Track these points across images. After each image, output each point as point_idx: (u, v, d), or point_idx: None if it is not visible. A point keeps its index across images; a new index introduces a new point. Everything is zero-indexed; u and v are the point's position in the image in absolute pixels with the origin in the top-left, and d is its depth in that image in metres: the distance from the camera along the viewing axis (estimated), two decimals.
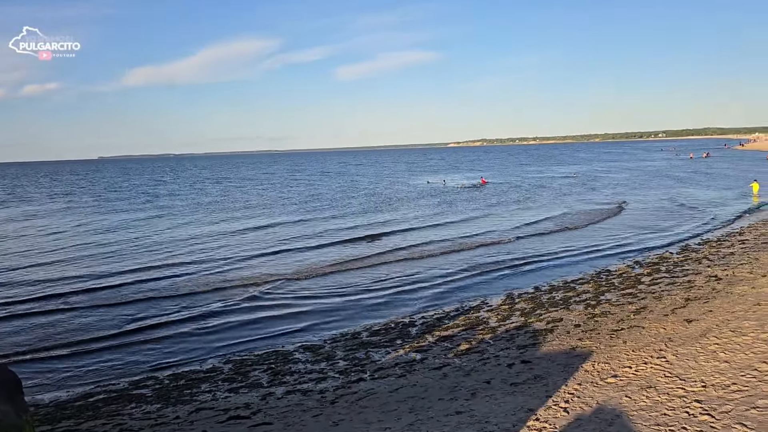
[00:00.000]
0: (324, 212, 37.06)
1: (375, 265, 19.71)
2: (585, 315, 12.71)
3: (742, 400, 6.39)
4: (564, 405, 7.12)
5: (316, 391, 9.63)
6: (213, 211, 40.22)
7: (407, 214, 34.45)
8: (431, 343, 11.90)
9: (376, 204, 41.40)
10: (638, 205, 35.10)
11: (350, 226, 29.41)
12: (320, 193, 54.64)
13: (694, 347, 8.73)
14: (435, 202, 41.18)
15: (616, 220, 29.02)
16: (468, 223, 29.49)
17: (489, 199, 42.79)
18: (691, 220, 27.30)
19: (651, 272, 16.44)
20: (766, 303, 10.80)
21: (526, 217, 31.34)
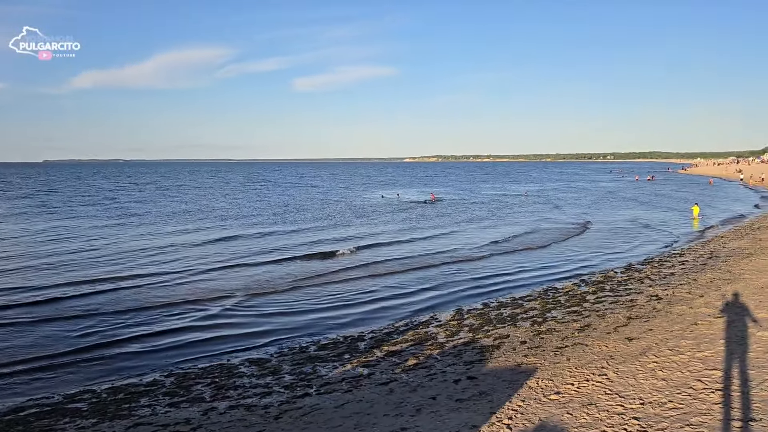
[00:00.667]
0: (279, 225, 36.10)
1: (329, 282, 19.35)
2: (531, 332, 12.96)
3: (677, 418, 6.64)
4: (507, 422, 7.22)
5: (260, 406, 9.44)
6: (167, 221, 38.65)
7: (362, 229, 34.22)
8: (379, 358, 11.88)
9: (332, 218, 40.86)
10: (596, 225, 36.23)
11: (306, 241, 28.66)
12: (276, 204, 53.48)
13: (634, 365, 9.04)
14: (390, 218, 41.04)
15: (568, 240, 29.79)
16: (423, 240, 29.40)
17: (445, 215, 43.15)
18: (636, 240, 28.40)
19: (596, 291, 16.95)
20: (703, 323, 11.31)
21: (480, 234, 31.80)
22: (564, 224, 36.71)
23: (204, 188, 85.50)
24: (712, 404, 6.96)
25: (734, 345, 9.46)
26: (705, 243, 25.87)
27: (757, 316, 11.20)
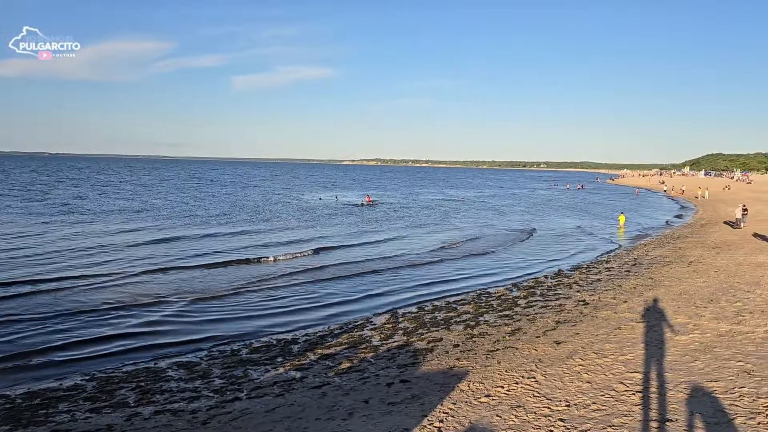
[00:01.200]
0: (217, 227, 34.20)
1: (265, 287, 18.72)
2: (464, 335, 13.23)
3: (600, 419, 6.96)
4: (438, 425, 7.33)
5: (187, 411, 9.17)
6: (100, 219, 36.32)
7: (301, 232, 33.57)
8: (313, 361, 11.80)
9: (270, 220, 39.34)
10: (530, 231, 37.35)
11: (244, 244, 27.44)
12: (215, 205, 50.89)
13: (561, 368, 9.40)
14: (328, 221, 40.57)
15: (504, 246, 30.57)
16: (362, 245, 29.12)
17: (384, 219, 43.24)
18: (565, 247, 29.55)
19: (527, 295, 17.50)
20: (626, 327, 11.91)
21: (420, 239, 32.26)
22: (499, 230, 37.79)
23: (141, 185, 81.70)
24: (633, 406, 7.34)
25: (654, 348, 10.01)
26: (629, 251, 27.22)
27: (675, 321, 11.91)
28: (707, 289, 15.21)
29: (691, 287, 15.80)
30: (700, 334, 10.73)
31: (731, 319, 11.67)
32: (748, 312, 12.21)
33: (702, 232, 32.49)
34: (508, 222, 43.39)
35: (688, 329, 11.16)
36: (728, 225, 33.84)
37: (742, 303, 13.15)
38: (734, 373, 8.31)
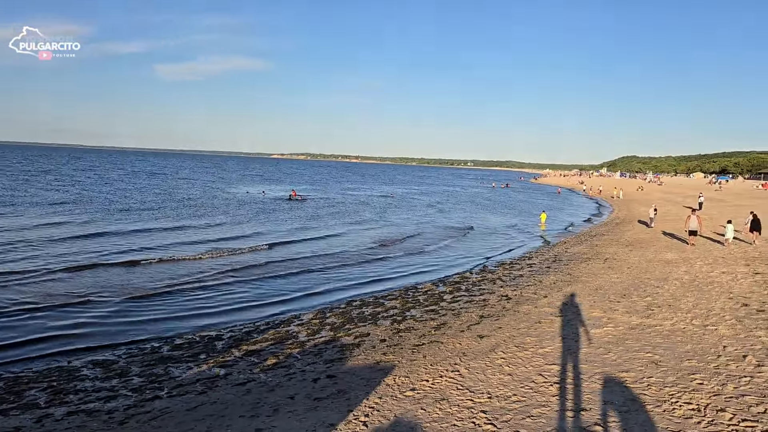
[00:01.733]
0: (141, 222, 32.38)
1: (189, 287, 17.99)
2: (391, 330, 13.36)
3: (520, 410, 7.22)
4: (364, 419, 7.38)
5: (103, 411, 8.76)
6: (16, 212, 33.34)
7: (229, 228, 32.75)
8: (237, 357, 11.57)
9: (197, 216, 37.53)
10: (446, 228, 38.05)
11: (168, 241, 26.10)
12: (140, 198, 47.53)
13: (484, 361, 9.68)
14: (256, 216, 39.71)
15: (430, 243, 31.04)
16: (293, 243, 28.72)
17: (315, 215, 42.78)
18: (489, 243, 30.40)
19: (453, 290, 17.87)
20: (546, 321, 12.40)
21: (345, 236, 32.27)
22: (425, 226, 38.47)
23: (62, 176, 76.47)
24: (551, 396, 7.66)
25: (571, 341, 10.49)
26: (550, 248, 28.36)
27: (590, 316, 12.52)
28: (621, 285, 16.07)
29: (606, 283, 16.65)
30: (614, 327, 11.34)
31: (641, 313, 12.40)
32: (656, 306, 13.00)
33: (617, 230, 34.29)
34: (435, 219, 44.21)
35: (602, 323, 11.76)
36: (642, 224, 35.89)
37: (651, 298, 13.99)
38: (643, 363, 8.83)
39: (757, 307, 12.27)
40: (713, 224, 30.91)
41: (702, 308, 12.48)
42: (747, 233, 24.04)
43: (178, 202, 46.27)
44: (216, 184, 77.89)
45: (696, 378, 8.01)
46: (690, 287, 15.01)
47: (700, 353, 9.23)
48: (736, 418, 6.58)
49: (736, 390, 7.45)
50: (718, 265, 18.23)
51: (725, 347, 9.47)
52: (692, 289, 14.78)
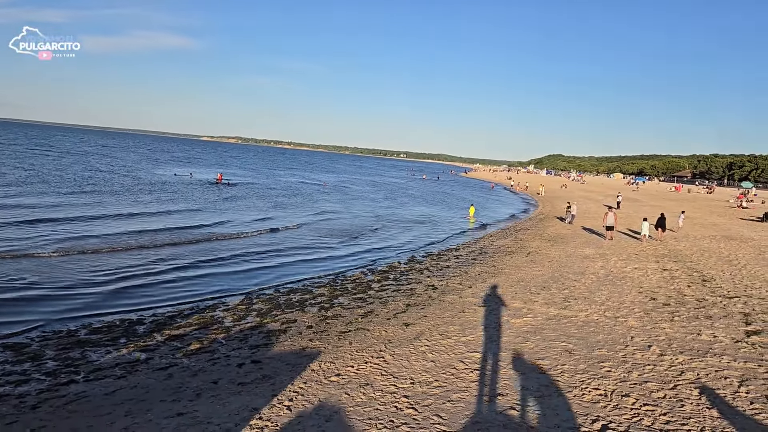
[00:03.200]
0: (62, 207, 31.19)
1: (118, 273, 17.27)
2: (318, 317, 13.40)
3: (440, 395, 7.49)
4: (288, 403, 7.43)
5: (14, 396, 8.34)
6: None
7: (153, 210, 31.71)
8: (159, 342, 11.28)
9: (116, 197, 36.33)
10: (376, 218, 38.35)
11: (93, 224, 25.35)
12: (61, 177, 44.97)
13: (408, 348, 9.93)
14: (184, 199, 38.76)
15: (362, 233, 31.17)
16: (220, 224, 28.40)
17: (243, 199, 42.12)
18: (420, 234, 30.91)
19: (381, 279, 18.10)
20: (470, 311, 12.82)
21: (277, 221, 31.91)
22: (357, 215, 38.67)
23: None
24: (471, 382, 7.98)
25: (492, 330, 10.92)
26: (477, 240, 29.17)
27: (511, 306, 13.06)
28: (541, 278, 16.80)
29: (527, 275, 17.35)
30: (533, 317, 11.88)
31: (559, 305, 13.05)
32: (573, 298, 13.71)
33: (541, 225, 35.66)
34: (366, 208, 44.52)
35: (522, 313, 12.30)
36: (563, 220, 37.48)
37: (569, 290, 14.73)
38: (558, 352, 9.34)
39: (663, 300, 13.17)
40: (629, 222, 32.75)
41: (614, 301, 13.28)
42: (655, 231, 25.95)
43: (104, 184, 44.08)
44: (143, 165, 74.83)
45: (605, 366, 8.55)
46: (605, 281, 15.89)
47: (610, 343, 9.85)
48: (638, 402, 7.10)
49: (640, 377, 8.02)
50: (631, 261, 19.37)
51: (633, 338, 10.15)
52: (606, 283, 15.66)
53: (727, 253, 20.89)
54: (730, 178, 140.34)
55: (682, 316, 11.65)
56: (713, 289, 14.38)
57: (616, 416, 6.68)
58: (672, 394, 7.36)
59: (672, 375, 8.09)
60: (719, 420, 6.50)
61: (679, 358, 8.88)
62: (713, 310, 12.19)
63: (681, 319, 11.41)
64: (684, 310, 12.25)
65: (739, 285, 14.93)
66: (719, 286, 14.75)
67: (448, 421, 6.65)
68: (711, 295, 13.67)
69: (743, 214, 41.39)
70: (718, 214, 41.84)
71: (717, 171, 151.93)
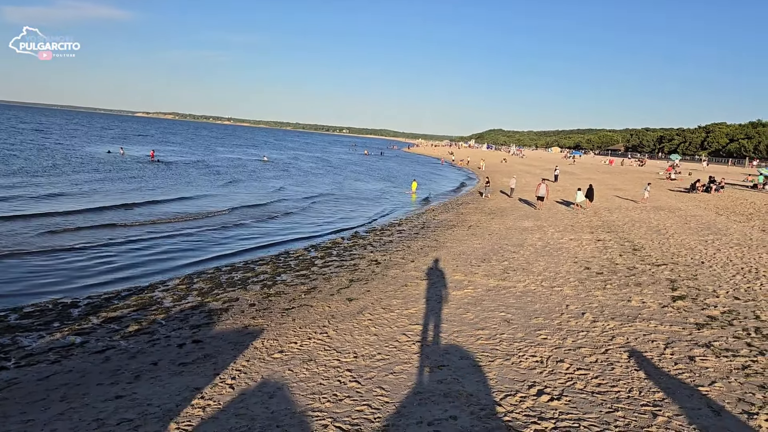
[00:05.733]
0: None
1: (48, 249, 16.68)
2: (261, 295, 13.28)
3: (383, 367, 7.60)
4: (230, 381, 7.38)
5: None
6: None
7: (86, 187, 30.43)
8: (96, 325, 10.90)
9: (46, 173, 34.84)
10: (319, 194, 38.14)
11: (21, 201, 24.17)
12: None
13: (351, 323, 10.00)
14: (117, 177, 37.35)
15: (305, 208, 30.93)
16: (157, 203, 27.59)
17: (179, 176, 40.98)
18: (361, 209, 30.99)
19: (324, 256, 18.07)
20: (412, 284, 13.00)
21: (217, 198, 31.22)
22: (299, 192, 38.36)
23: None
24: (413, 354, 8.13)
25: (434, 303, 11.13)
26: (419, 215, 29.49)
27: (453, 279, 13.32)
28: (482, 250, 17.19)
29: (468, 248, 17.71)
30: (473, 289, 12.17)
31: (498, 276, 13.41)
32: (512, 269, 14.11)
33: (481, 199, 36.35)
34: (309, 184, 44.20)
35: (463, 285, 12.58)
36: (504, 194, 38.33)
37: (508, 262, 15.14)
38: (497, 322, 9.62)
39: (597, 270, 13.74)
40: (567, 194, 33.82)
41: (551, 271, 13.75)
42: (586, 201, 28.85)
43: (26, 161, 41.92)
44: (74, 142, 71.37)
45: (541, 333, 8.88)
46: (542, 252, 16.41)
47: (546, 312, 10.22)
48: (572, 367, 7.42)
49: (574, 343, 8.38)
50: (567, 233, 20.06)
51: (568, 306, 10.56)
52: (544, 254, 16.17)
53: (656, 223, 21.92)
54: (660, 150, 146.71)
55: (613, 284, 12.21)
56: (643, 258, 15.09)
57: (551, 381, 6.97)
58: (603, 358, 7.73)
59: (603, 340, 8.49)
60: (646, 381, 6.89)
61: (610, 323, 9.32)
62: (642, 277, 12.81)
63: (613, 287, 11.95)
64: (616, 278, 12.82)
65: (666, 253, 15.72)
66: (648, 255, 15.49)
67: (390, 392, 6.76)
68: (641, 264, 14.35)
69: (672, 186, 43.43)
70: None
71: (648, 144, 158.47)
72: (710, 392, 6.48)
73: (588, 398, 6.44)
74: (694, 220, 22.59)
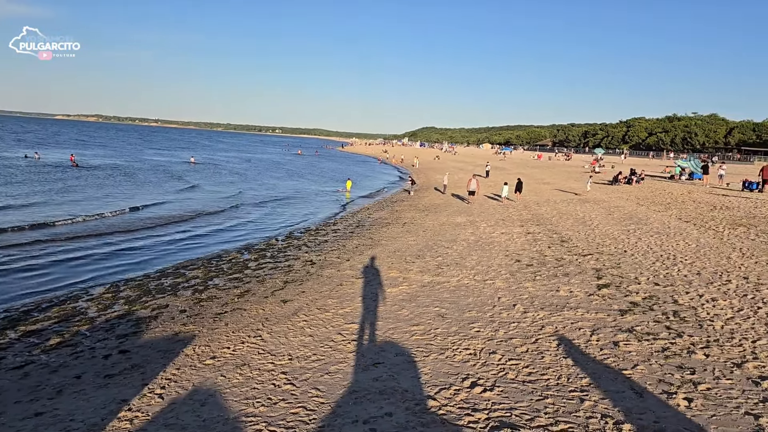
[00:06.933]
0: None
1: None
2: (192, 300, 12.91)
3: (318, 368, 7.54)
4: (160, 391, 7.13)
5: None
6: None
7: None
8: (14, 339, 10.26)
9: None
10: (254, 195, 37.51)
11: None
12: None
13: (286, 325, 9.88)
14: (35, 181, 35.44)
15: (235, 210, 30.30)
16: (70, 207, 26.37)
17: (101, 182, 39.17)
18: (296, 210, 30.68)
19: (258, 258, 17.77)
20: (348, 283, 12.98)
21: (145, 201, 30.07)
22: (231, 193, 37.55)
23: None
24: (348, 353, 8.11)
25: (369, 301, 11.14)
26: (354, 213, 29.52)
27: (388, 276, 13.39)
28: (416, 247, 17.36)
29: (403, 245, 17.85)
30: (408, 286, 12.27)
31: (433, 272, 13.58)
32: (446, 265, 14.32)
33: (415, 196, 36.77)
34: (241, 185, 43.36)
35: (398, 282, 12.66)
36: (437, 191, 38.89)
37: (442, 257, 15.36)
38: (432, 317, 9.74)
39: (527, 262, 14.15)
40: (497, 189, 34.67)
41: (483, 265, 14.05)
42: (514, 194, 30.62)
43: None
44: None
45: (475, 326, 9.05)
46: (475, 247, 16.75)
47: (479, 305, 10.43)
48: (504, 358, 7.60)
49: (506, 334, 8.59)
50: (499, 227, 20.56)
51: (500, 298, 10.82)
52: (476, 248, 16.51)
53: (582, 215, 22.80)
54: (585, 145, 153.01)
55: (543, 275, 12.60)
56: (570, 249, 15.66)
57: (484, 373, 7.11)
58: (534, 347, 7.96)
59: (534, 330, 8.75)
60: (574, 368, 7.14)
61: (540, 314, 9.62)
62: (570, 267, 13.29)
63: (542, 278, 12.34)
64: (545, 269, 13.24)
65: (592, 243, 16.37)
66: (575, 246, 16.09)
67: (326, 393, 6.72)
68: (568, 254, 14.88)
69: (596, 178, 45.28)
70: (575, 179, 45.43)
71: (574, 139, 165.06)
72: (633, 375, 6.79)
73: (519, 387, 6.62)
74: (617, 211, 23.63)
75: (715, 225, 18.70)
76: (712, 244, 15.50)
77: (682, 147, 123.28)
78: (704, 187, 35.22)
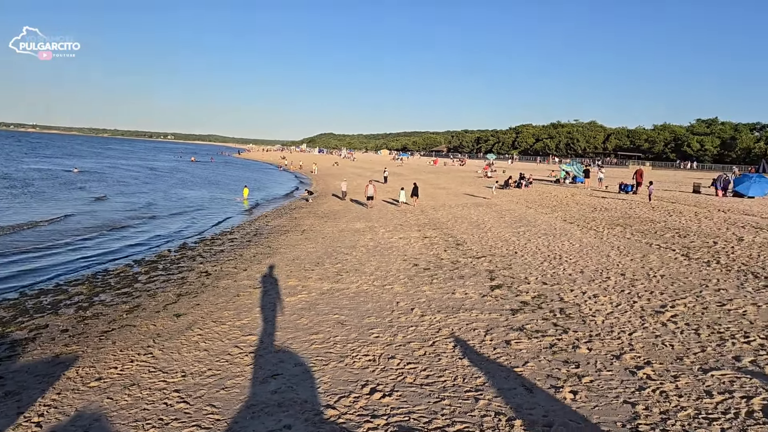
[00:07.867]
0: None
1: None
2: (75, 318, 12.02)
3: (214, 383, 7.29)
4: (37, 419, 6.61)
5: None
6: None
7: None
8: None
9: None
10: (157, 205, 35.66)
11: None
12: None
13: (179, 340, 9.46)
14: None
15: (124, 222, 28.63)
16: None
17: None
18: (190, 219, 29.51)
19: (149, 270, 16.90)
20: (245, 294, 12.66)
21: (22, 213, 27.63)
22: (119, 204, 35.46)
23: None
24: (246, 366, 7.90)
25: (268, 311, 10.93)
26: (252, 221, 28.83)
27: (287, 285, 13.21)
28: (315, 254, 17.26)
29: (302, 253, 17.69)
30: (307, 294, 12.17)
31: (332, 279, 13.56)
32: (345, 271, 14.36)
33: (315, 203, 36.59)
34: (129, 195, 41.11)
35: (297, 290, 12.52)
36: (336, 197, 38.93)
37: (341, 264, 15.38)
38: (331, 324, 9.71)
39: (424, 266, 14.49)
40: (395, 194, 35.26)
41: (382, 270, 14.22)
42: (410, 198, 31.37)
43: None
44: None
45: (374, 332, 9.13)
46: (374, 252, 16.92)
47: (378, 310, 10.54)
48: (402, 362, 7.72)
49: (404, 338, 8.74)
50: (397, 232, 20.91)
51: (398, 303, 11.00)
52: (375, 254, 16.69)
53: (476, 219, 23.70)
54: (478, 150, 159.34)
55: (439, 278, 12.96)
56: (465, 252, 16.22)
57: (383, 378, 7.18)
58: (431, 350, 8.16)
59: (431, 333, 8.96)
60: (469, 368, 7.39)
61: (437, 316, 9.87)
62: (465, 270, 13.77)
63: (439, 281, 12.68)
64: (441, 272, 13.62)
65: (485, 246, 17.06)
66: (470, 249, 16.69)
67: (222, 409, 6.50)
68: (463, 257, 15.40)
69: (489, 183, 47.26)
70: (469, 184, 47.19)
71: (467, 145, 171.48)
72: (524, 372, 7.14)
73: (417, 391, 6.75)
74: (508, 214, 24.80)
75: (595, 225, 20.12)
76: (593, 243, 16.66)
77: (565, 152, 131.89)
78: (586, 189, 37.90)
